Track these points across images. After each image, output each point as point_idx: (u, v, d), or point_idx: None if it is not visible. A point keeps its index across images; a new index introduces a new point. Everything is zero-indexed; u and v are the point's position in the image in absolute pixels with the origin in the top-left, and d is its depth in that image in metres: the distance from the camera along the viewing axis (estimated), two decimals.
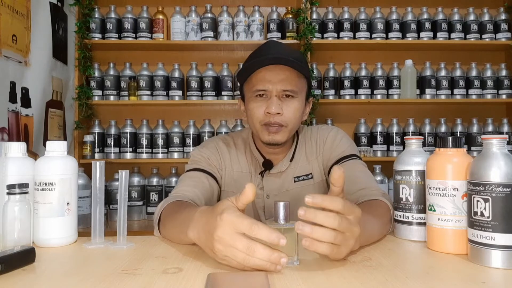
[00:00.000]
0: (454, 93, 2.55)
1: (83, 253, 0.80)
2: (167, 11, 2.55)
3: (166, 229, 0.89)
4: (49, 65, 2.09)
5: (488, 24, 2.54)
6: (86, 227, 1.69)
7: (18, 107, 1.79)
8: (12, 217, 0.78)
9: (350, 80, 2.54)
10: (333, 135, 1.18)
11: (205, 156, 1.16)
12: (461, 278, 0.63)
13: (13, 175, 0.85)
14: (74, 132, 2.39)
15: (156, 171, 2.46)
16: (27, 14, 1.87)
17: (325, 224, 0.61)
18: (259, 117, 1.07)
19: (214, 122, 2.60)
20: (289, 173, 1.17)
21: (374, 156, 2.51)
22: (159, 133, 2.47)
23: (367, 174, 1.09)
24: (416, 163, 0.86)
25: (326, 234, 0.61)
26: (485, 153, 0.70)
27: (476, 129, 2.54)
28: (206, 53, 2.65)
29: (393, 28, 2.52)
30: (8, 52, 1.70)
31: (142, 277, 0.64)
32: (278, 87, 1.04)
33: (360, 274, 0.65)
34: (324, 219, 0.61)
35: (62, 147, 0.87)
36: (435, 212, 0.78)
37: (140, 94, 2.47)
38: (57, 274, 0.68)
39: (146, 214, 2.41)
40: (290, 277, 0.63)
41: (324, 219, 0.61)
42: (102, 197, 0.85)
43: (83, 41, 2.38)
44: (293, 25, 2.50)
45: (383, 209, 0.92)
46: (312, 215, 0.61)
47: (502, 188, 0.66)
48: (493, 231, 0.66)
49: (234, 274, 0.64)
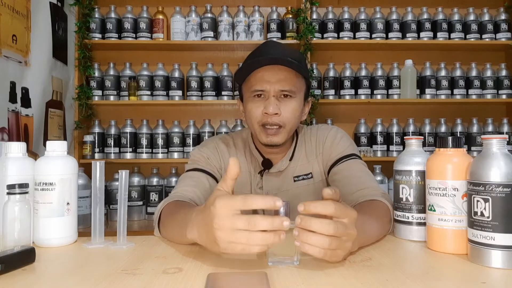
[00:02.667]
0: (454, 93, 2.55)
1: (83, 253, 0.80)
2: (167, 11, 2.55)
3: (165, 229, 0.89)
4: (49, 65, 2.09)
5: (488, 24, 2.54)
6: (86, 227, 1.69)
7: (18, 107, 1.79)
8: (12, 217, 0.78)
9: (350, 80, 2.54)
10: (333, 134, 1.18)
11: (205, 156, 1.16)
12: (461, 278, 0.63)
13: (13, 175, 0.85)
14: (74, 132, 2.39)
15: (156, 171, 2.46)
16: (27, 14, 1.87)
17: (320, 232, 0.62)
18: (257, 117, 1.07)
19: (214, 122, 2.60)
20: (289, 173, 1.17)
21: (374, 156, 2.51)
22: (159, 133, 2.47)
23: (367, 173, 1.09)
24: (416, 163, 0.86)
25: (321, 241, 0.62)
26: (485, 153, 0.70)
27: (476, 129, 2.54)
28: (206, 53, 2.65)
29: (393, 28, 2.52)
30: (8, 52, 1.70)
31: (142, 277, 0.64)
32: (276, 87, 1.04)
33: (360, 274, 0.65)
34: (319, 227, 0.62)
35: (62, 147, 0.87)
36: (435, 212, 0.78)
37: (140, 94, 2.47)
38: (57, 274, 0.68)
39: (146, 214, 2.41)
40: (290, 277, 0.63)
41: (319, 226, 0.62)
42: (102, 197, 0.85)
43: (83, 41, 2.38)
44: (293, 25, 2.50)
45: (383, 209, 0.92)
46: (307, 224, 0.62)
47: (502, 188, 0.66)
48: (493, 231, 0.66)
49: (234, 274, 0.64)
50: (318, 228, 0.62)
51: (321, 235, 0.62)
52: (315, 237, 0.62)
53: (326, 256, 0.63)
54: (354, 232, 0.66)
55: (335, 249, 0.64)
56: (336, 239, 0.63)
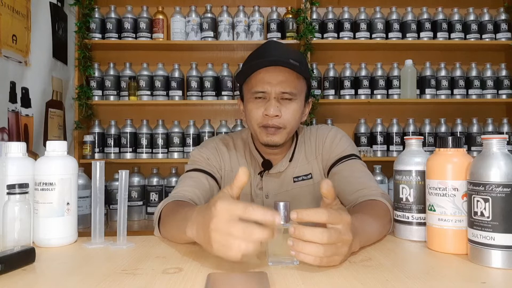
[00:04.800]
0: (454, 93, 2.55)
1: (83, 253, 0.80)
2: (167, 11, 2.55)
3: (165, 229, 0.89)
4: (49, 65, 2.09)
5: (488, 24, 2.54)
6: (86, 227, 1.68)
7: (18, 107, 1.79)
8: (12, 217, 0.78)
9: (350, 80, 2.54)
10: (333, 134, 1.18)
11: (205, 156, 1.16)
12: (461, 278, 0.63)
13: (13, 175, 0.85)
14: (74, 132, 2.39)
15: (156, 171, 2.46)
16: (27, 14, 1.87)
17: (313, 241, 0.62)
18: (257, 119, 1.07)
19: (214, 122, 2.60)
20: (289, 173, 1.17)
21: (374, 156, 2.51)
22: (159, 133, 2.47)
23: (366, 174, 1.09)
24: (416, 163, 0.86)
25: (315, 250, 0.62)
26: (485, 153, 0.70)
27: (476, 129, 2.54)
28: (206, 53, 2.65)
29: (393, 28, 2.52)
30: (8, 52, 1.70)
31: (142, 277, 0.64)
32: (277, 89, 1.03)
33: (360, 274, 0.65)
34: (312, 236, 0.62)
35: (62, 147, 0.87)
36: (435, 212, 0.78)
37: (140, 94, 2.47)
38: (57, 274, 0.68)
39: (146, 214, 2.41)
40: (290, 277, 0.63)
41: (312, 236, 0.62)
42: (102, 197, 0.85)
43: (83, 41, 2.37)
44: (293, 25, 2.50)
45: (383, 209, 0.92)
46: (300, 234, 0.62)
47: (502, 188, 0.66)
48: (493, 231, 0.66)
49: (234, 274, 0.64)
50: (311, 237, 0.62)
51: (315, 244, 0.62)
52: (309, 246, 0.62)
53: (322, 263, 0.63)
54: (349, 237, 0.66)
55: (331, 256, 0.64)
56: (331, 246, 0.63)
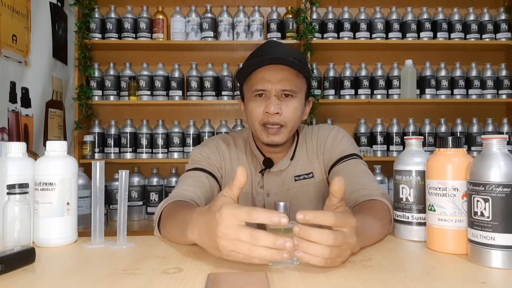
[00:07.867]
0: (454, 93, 2.55)
1: (83, 253, 0.80)
2: (167, 11, 2.55)
3: (165, 230, 0.89)
4: (49, 65, 2.09)
5: (488, 24, 2.54)
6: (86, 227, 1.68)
7: (18, 107, 1.79)
8: (12, 217, 0.78)
9: (350, 80, 2.54)
10: (334, 134, 1.18)
11: (205, 155, 1.16)
12: (461, 278, 0.63)
13: (13, 175, 0.85)
14: (74, 132, 2.39)
15: (156, 171, 2.46)
16: (27, 14, 1.86)
17: (319, 242, 0.62)
18: (258, 117, 1.07)
19: (214, 122, 2.60)
20: (290, 172, 1.17)
21: (374, 156, 2.51)
22: (159, 133, 2.47)
23: (367, 173, 1.09)
24: (416, 163, 0.86)
25: (320, 251, 0.62)
26: (485, 153, 0.70)
27: (476, 129, 2.54)
28: (206, 53, 2.65)
29: (393, 28, 2.52)
30: (8, 52, 1.70)
31: (142, 277, 0.64)
32: (277, 87, 1.04)
33: (360, 274, 0.65)
34: (318, 237, 0.62)
35: (62, 147, 0.87)
36: (435, 212, 0.78)
37: (140, 94, 2.47)
38: (57, 274, 0.68)
39: (146, 214, 2.41)
40: (290, 277, 0.63)
41: (318, 237, 0.62)
42: (102, 197, 0.85)
43: (83, 41, 2.38)
44: (293, 25, 2.50)
45: (383, 209, 0.92)
46: (306, 234, 0.61)
47: (502, 188, 0.66)
48: (493, 231, 0.66)
49: (234, 274, 0.64)
50: (317, 239, 0.61)
51: (321, 245, 0.62)
52: (315, 247, 0.62)
53: (326, 264, 0.63)
54: (353, 240, 0.66)
55: (335, 258, 0.64)
56: (336, 248, 0.63)
